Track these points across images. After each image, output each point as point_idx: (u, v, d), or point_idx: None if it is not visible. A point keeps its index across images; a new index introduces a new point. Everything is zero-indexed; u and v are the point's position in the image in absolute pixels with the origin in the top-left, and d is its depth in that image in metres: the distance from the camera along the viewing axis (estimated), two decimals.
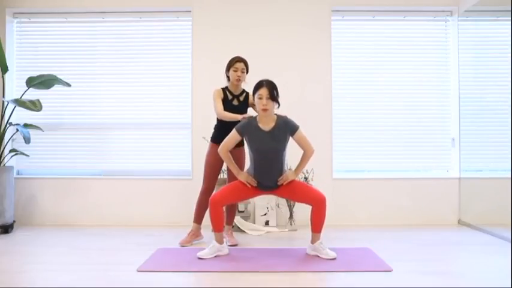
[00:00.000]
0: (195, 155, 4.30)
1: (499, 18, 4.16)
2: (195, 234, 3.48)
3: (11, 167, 4.05)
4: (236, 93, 3.43)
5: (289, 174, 3.03)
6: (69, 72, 4.43)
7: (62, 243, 3.50)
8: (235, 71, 3.36)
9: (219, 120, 3.41)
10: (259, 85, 2.97)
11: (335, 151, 4.41)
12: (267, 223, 4.18)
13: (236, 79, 3.36)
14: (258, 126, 2.99)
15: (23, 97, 4.08)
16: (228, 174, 3.48)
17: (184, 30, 4.49)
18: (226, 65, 3.42)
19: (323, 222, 2.98)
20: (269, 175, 3.01)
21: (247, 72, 3.43)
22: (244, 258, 2.95)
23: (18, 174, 4.49)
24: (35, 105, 4.01)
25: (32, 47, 4.55)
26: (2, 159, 4.05)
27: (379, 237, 3.71)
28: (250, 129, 3.00)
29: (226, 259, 2.94)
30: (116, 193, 4.37)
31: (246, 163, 3.35)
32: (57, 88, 4.23)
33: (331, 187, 4.30)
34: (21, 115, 4.39)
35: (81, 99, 4.49)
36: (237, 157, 3.34)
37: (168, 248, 3.30)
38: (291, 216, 4.08)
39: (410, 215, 4.34)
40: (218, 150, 3.12)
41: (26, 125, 4.15)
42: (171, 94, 4.49)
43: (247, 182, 3.03)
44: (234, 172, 3.13)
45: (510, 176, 3.56)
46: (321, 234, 3.00)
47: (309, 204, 2.99)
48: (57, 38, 4.54)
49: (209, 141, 3.47)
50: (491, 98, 4.20)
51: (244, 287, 2.38)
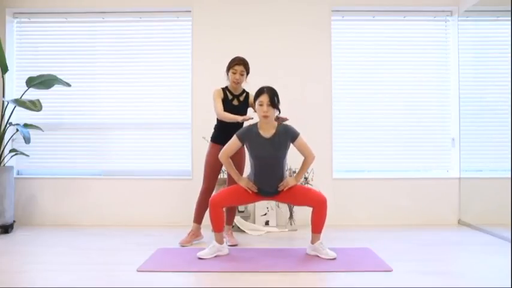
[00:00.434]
0: (195, 155, 4.30)
1: (499, 18, 4.16)
2: (195, 234, 3.48)
3: (11, 167, 4.05)
4: (236, 93, 3.43)
5: (289, 181, 3.02)
6: (69, 72, 4.43)
7: (62, 243, 3.50)
8: (234, 73, 3.35)
9: (219, 120, 3.40)
10: (260, 92, 2.97)
11: (335, 151, 4.41)
12: (267, 223, 4.18)
13: (234, 82, 3.36)
14: (258, 133, 2.98)
15: (23, 97, 4.08)
16: (228, 175, 3.48)
17: (184, 30, 4.49)
18: (227, 65, 3.42)
19: (324, 223, 2.98)
20: (269, 181, 3.01)
21: (248, 73, 3.43)
22: (244, 258, 2.95)
23: (18, 174, 4.49)
24: (35, 105, 4.01)
25: (32, 47, 4.55)
26: (2, 159, 4.05)
27: (379, 237, 3.71)
28: (251, 136, 2.99)
29: (226, 259, 2.94)
30: (116, 193, 4.38)
31: (246, 163, 3.34)
32: (57, 88, 4.23)
33: (331, 187, 4.30)
34: (21, 115, 4.40)
35: (81, 99, 4.49)
36: (238, 157, 3.33)
37: (168, 248, 3.30)
38: (291, 216, 4.08)
39: (410, 215, 4.34)
40: (219, 156, 3.11)
41: (26, 125, 4.15)
42: (171, 94, 4.49)
43: (248, 187, 3.03)
44: (234, 178, 3.12)
45: (510, 176, 3.56)
46: (321, 234, 3.00)
47: (311, 206, 2.99)
48: (57, 38, 4.54)
49: (209, 141, 3.47)
50: (491, 98, 4.21)
51: (244, 287, 2.38)
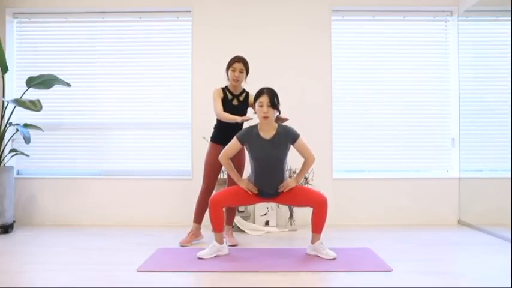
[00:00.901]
0: (195, 155, 4.30)
1: (499, 18, 4.16)
2: (195, 234, 3.48)
3: (11, 167, 4.05)
4: (236, 92, 3.43)
5: (289, 182, 3.02)
6: (69, 72, 4.43)
7: (62, 243, 3.50)
8: (233, 71, 3.36)
9: (218, 120, 3.40)
10: (260, 93, 2.97)
11: (335, 151, 4.41)
12: (267, 223, 4.18)
13: (234, 79, 3.36)
14: (258, 134, 2.98)
15: (23, 97, 4.08)
16: (228, 175, 3.47)
17: (184, 30, 4.49)
18: (226, 64, 3.43)
19: (324, 223, 2.98)
20: (270, 183, 3.01)
21: (248, 72, 3.43)
22: (244, 258, 2.95)
23: (18, 174, 4.49)
24: (35, 105, 4.01)
25: (32, 47, 4.55)
26: (2, 159, 4.05)
27: (379, 237, 3.71)
28: (251, 137, 2.99)
29: (226, 259, 2.94)
30: (116, 193, 4.38)
31: (246, 164, 3.34)
32: (57, 88, 4.23)
33: (331, 187, 4.29)
34: (21, 115, 4.39)
35: (81, 99, 4.49)
36: (238, 158, 3.33)
37: (168, 248, 3.30)
38: (291, 216, 4.08)
39: (410, 215, 4.34)
40: (219, 158, 3.11)
41: (26, 125, 4.15)
42: (171, 94, 4.49)
43: (248, 189, 3.03)
44: (234, 179, 3.12)
45: (510, 176, 3.56)
46: (321, 234, 3.00)
47: (311, 206, 2.99)
48: (57, 38, 4.54)
49: (209, 141, 3.47)
50: (491, 98, 4.20)
51: (244, 287, 2.38)
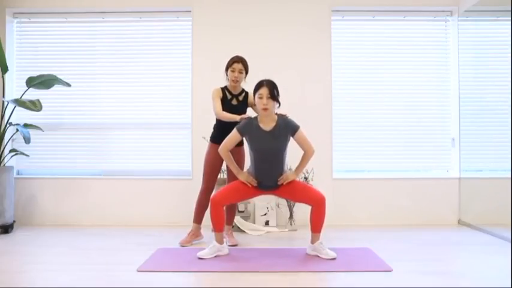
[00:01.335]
0: (195, 155, 4.30)
1: (499, 18, 4.16)
2: (195, 234, 3.48)
3: (11, 167, 4.05)
4: (235, 92, 3.43)
5: (289, 174, 3.03)
6: (69, 72, 4.43)
7: (62, 243, 3.50)
8: (233, 71, 3.36)
9: (218, 120, 3.40)
10: (260, 85, 2.98)
11: (335, 151, 4.41)
12: (267, 223, 4.18)
13: (233, 80, 3.37)
14: (258, 126, 2.99)
15: (23, 97, 4.08)
16: (227, 174, 3.48)
17: (184, 30, 4.49)
18: (225, 64, 3.43)
19: (323, 222, 2.98)
20: (269, 175, 3.02)
21: (247, 72, 3.43)
22: (244, 258, 2.95)
23: (18, 174, 4.49)
24: (35, 105, 4.01)
25: (32, 47, 4.55)
26: (2, 159, 4.05)
27: (379, 237, 3.71)
28: (251, 129, 3.00)
29: (226, 259, 2.94)
30: (116, 193, 4.38)
31: (246, 163, 3.35)
32: (57, 88, 4.23)
33: (331, 187, 4.30)
34: (21, 115, 4.39)
35: (81, 99, 4.49)
36: (237, 157, 3.34)
37: (168, 248, 3.30)
38: (291, 216, 4.08)
39: (410, 215, 4.34)
40: (219, 150, 3.12)
41: (26, 125, 4.15)
42: (171, 94, 4.49)
43: (248, 181, 3.04)
44: (234, 172, 3.13)
45: (510, 176, 3.56)
46: (321, 234, 3.00)
47: (309, 204, 2.99)
48: (57, 38, 4.54)
49: (209, 141, 3.47)
50: (491, 98, 4.20)
51: (244, 287, 2.38)
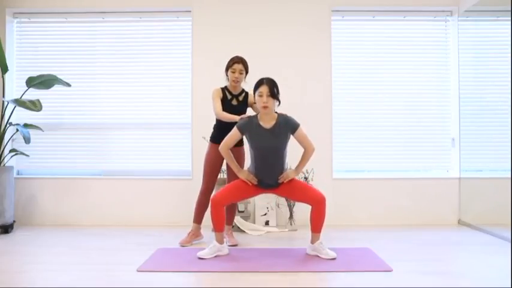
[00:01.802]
0: (195, 155, 4.30)
1: (499, 18, 4.16)
2: (195, 234, 3.48)
3: (11, 167, 4.05)
4: (235, 92, 3.43)
5: (289, 173, 3.04)
6: (69, 72, 4.43)
7: (62, 243, 3.50)
8: (233, 72, 3.36)
9: (218, 120, 3.40)
10: (260, 83, 2.98)
11: (335, 151, 4.41)
12: (267, 223, 4.18)
13: (233, 80, 3.37)
14: (258, 124, 2.99)
15: (23, 97, 4.08)
16: (227, 173, 3.48)
17: (184, 30, 4.49)
18: (226, 64, 3.43)
19: (323, 222, 2.98)
20: (270, 173, 3.02)
21: (247, 72, 3.43)
22: (244, 258, 2.95)
23: (18, 174, 4.49)
24: (35, 105, 4.01)
25: (32, 47, 4.55)
26: (2, 159, 4.05)
27: (379, 237, 3.71)
28: (251, 127, 3.00)
29: (226, 259, 2.94)
30: (116, 193, 4.38)
31: (246, 163, 3.35)
32: (57, 88, 4.23)
33: (331, 187, 4.30)
34: (21, 115, 4.39)
35: (81, 99, 4.49)
36: (237, 157, 3.33)
37: (168, 248, 3.30)
38: (291, 216, 4.08)
39: (410, 215, 4.34)
40: (219, 148, 3.12)
41: (26, 125, 4.15)
42: (171, 94, 4.49)
43: (248, 180, 3.04)
44: (234, 170, 3.13)
45: (510, 176, 3.56)
46: (321, 234, 3.00)
47: (309, 204, 2.99)
48: (57, 38, 4.54)
49: (208, 141, 3.47)
50: (491, 98, 4.21)
51: (244, 287, 2.38)
